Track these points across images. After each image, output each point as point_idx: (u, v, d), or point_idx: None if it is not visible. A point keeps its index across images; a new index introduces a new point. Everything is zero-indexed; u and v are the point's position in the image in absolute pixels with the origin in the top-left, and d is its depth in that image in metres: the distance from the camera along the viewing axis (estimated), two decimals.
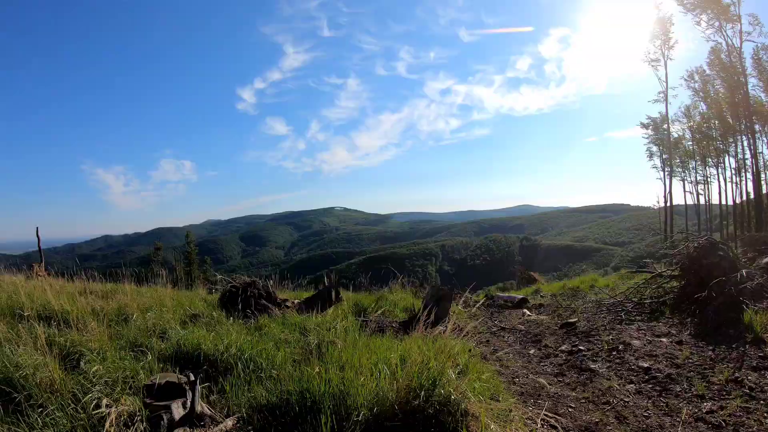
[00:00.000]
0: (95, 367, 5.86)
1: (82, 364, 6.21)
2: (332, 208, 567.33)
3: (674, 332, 10.08)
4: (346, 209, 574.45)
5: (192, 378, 5.40)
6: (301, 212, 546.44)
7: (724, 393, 6.69)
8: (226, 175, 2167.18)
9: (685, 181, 63.19)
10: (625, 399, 6.79)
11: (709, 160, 59.23)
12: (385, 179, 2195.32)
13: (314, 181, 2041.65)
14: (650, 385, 7.22)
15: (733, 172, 55.63)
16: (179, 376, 5.47)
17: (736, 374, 7.21)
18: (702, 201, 62.99)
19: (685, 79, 56.25)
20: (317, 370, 5.79)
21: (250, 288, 11.59)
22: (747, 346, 8.41)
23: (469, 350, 7.81)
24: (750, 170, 50.98)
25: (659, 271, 15.07)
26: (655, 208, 68.84)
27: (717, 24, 47.24)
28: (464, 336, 7.13)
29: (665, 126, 58.54)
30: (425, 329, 6.88)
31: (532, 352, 9.70)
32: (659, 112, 62.12)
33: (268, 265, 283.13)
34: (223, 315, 9.93)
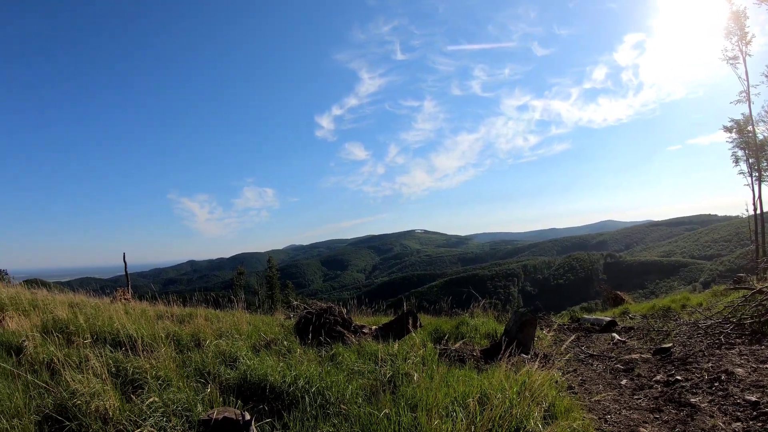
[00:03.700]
0: (151, 398, 5.61)
1: (143, 392, 6.01)
2: (412, 230, 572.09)
3: None
4: (426, 231, 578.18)
5: (247, 417, 5.00)
6: (382, 235, 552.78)
7: None
8: (307, 201, 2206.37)
9: None
10: None
11: None
12: (465, 200, 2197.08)
13: (394, 204, 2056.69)
14: (760, 423, 6.40)
15: None
16: (237, 411, 5.13)
17: None
18: None
19: (767, 76, 54.25)
20: (386, 411, 5.35)
21: (325, 314, 11.27)
22: None
23: (556, 381, 7.24)
24: None
25: (759, 287, 14.12)
26: (744, 216, 66.51)
27: None
28: (550, 366, 6.61)
29: (749, 127, 56.41)
30: (508, 359, 6.40)
31: (623, 382, 9.03)
32: (742, 114, 59.73)
33: (349, 289, 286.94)
34: (297, 342, 9.72)
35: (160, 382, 6.50)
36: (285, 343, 9.55)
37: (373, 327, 12.62)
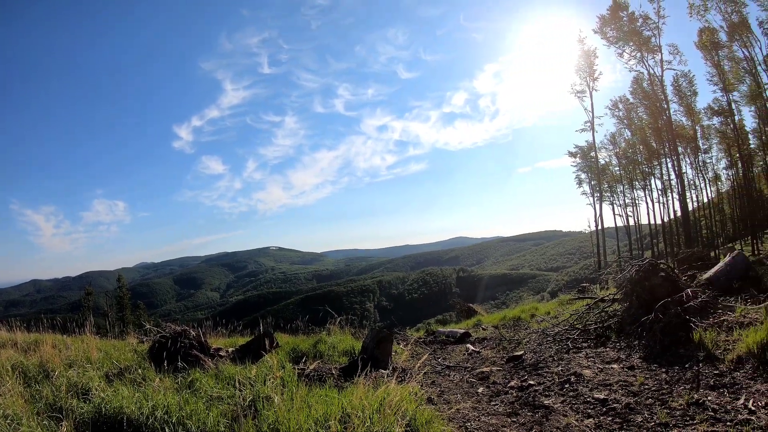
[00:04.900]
0: None
1: None
2: (267, 248, 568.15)
3: (624, 357, 9.91)
4: (280, 249, 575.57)
5: None
6: (236, 253, 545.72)
7: (688, 418, 6.39)
8: (160, 216, 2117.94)
9: (614, 205, 66.42)
10: None
11: (636, 183, 62.73)
12: (321, 217, 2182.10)
13: (249, 221, 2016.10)
14: (610, 418, 6.86)
15: (660, 193, 59.51)
16: None
17: (696, 396, 6.98)
18: (631, 222, 66.19)
19: (610, 108, 60.17)
20: None
21: (180, 338, 10.90)
22: (700, 364, 8.24)
23: (416, 394, 7.34)
24: (676, 190, 53.66)
25: (601, 296, 15.00)
26: (587, 232, 71.22)
27: (639, 55, 49.56)
28: (409, 379, 6.70)
29: (592, 154, 61.12)
30: (366, 375, 6.42)
31: (480, 390, 9.28)
32: (586, 141, 65.57)
33: (204, 308, 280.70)
34: (153, 369, 9.29)
35: (9, 421, 6.03)
36: (140, 370, 9.14)
37: (230, 349, 12.37)
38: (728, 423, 6.01)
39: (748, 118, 53.34)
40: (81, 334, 13.04)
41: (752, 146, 53.93)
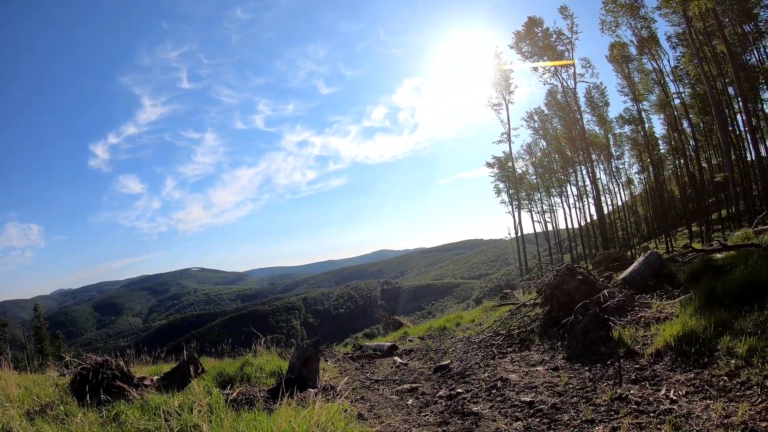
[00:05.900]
0: None
1: None
2: (189, 269, 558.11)
3: (548, 359, 10.10)
4: (202, 269, 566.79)
5: None
6: (157, 275, 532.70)
7: (613, 412, 6.57)
8: (77, 239, 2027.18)
9: (533, 212, 69.03)
10: None
11: (553, 190, 65.50)
12: (242, 236, 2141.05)
13: (169, 242, 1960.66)
14: (537, 419, 6.99)
15: (576, 198, 62.61)
16: None
17: (619, 391, 7.18)
18: (550, 228, 68.53)
19: (526, 120, 63.12)
20: None
21: (102, 369, 10.50)
22: (621, 360, 8.46)
23: (345, 411, 7.31)
24: (591, 195, 55.84)
25: (523, 301, 15.27)
26: (507, 239, 72.75)
27: (553, 69, 50.89)
28: (337, 397, 6.67)
29: (509, 164, 62.75)
30: (293, 396, 6.37)
31: (410, 402, 9.27)
32: (503, 152, 67.66)
33: (126, 335, 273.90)
34: (75, 404, 8.96)
35: None
36: (62, 406, 8.81)
37: (155, 378, 12.04)
38: (651, 414, 6.19)
39: (658, 126, 56.96)
40: None
41: (662, 151, 57.43)
